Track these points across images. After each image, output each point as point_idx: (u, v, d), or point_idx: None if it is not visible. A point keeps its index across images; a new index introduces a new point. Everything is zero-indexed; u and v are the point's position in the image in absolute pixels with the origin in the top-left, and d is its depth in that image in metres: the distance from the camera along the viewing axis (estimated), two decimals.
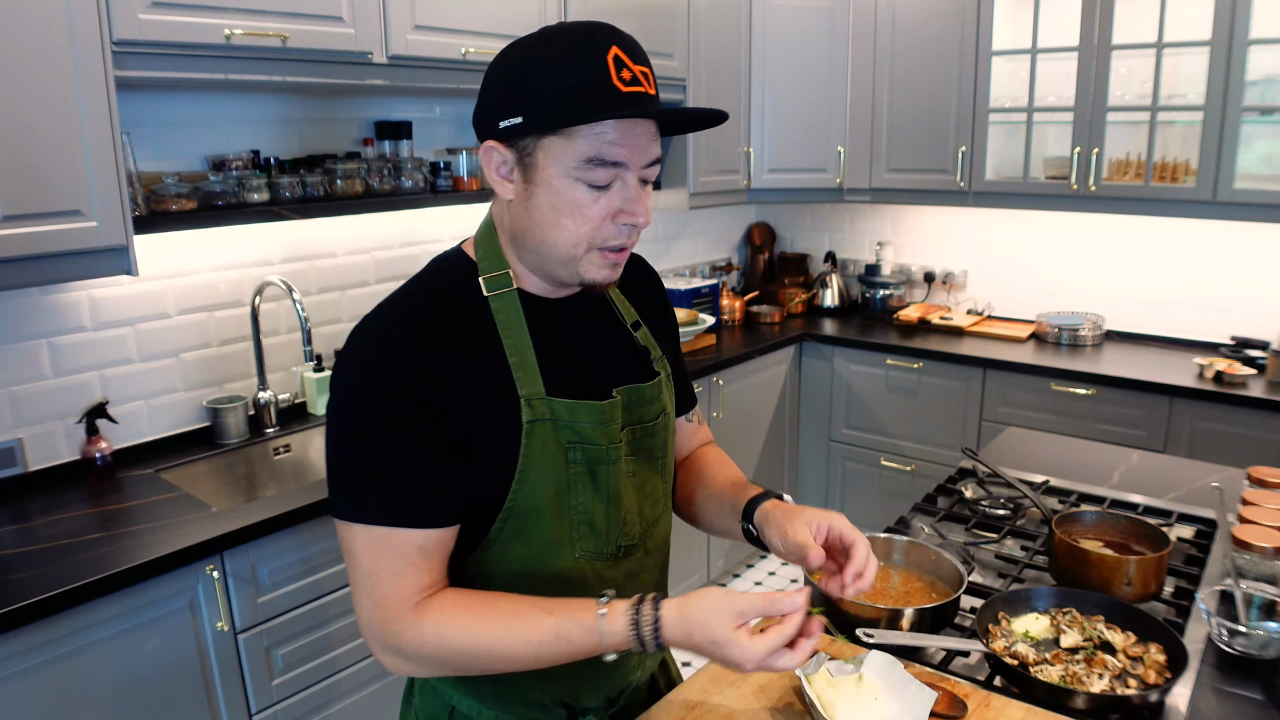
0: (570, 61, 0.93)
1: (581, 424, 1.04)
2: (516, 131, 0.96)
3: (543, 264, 1.03)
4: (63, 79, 1.72)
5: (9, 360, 2.05)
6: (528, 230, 1.01)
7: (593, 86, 0.92)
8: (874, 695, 1.13)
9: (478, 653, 0.98)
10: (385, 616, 0.98)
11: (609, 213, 0.98)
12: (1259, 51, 2.83)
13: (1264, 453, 2.76)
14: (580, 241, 0.99)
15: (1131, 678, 1.20)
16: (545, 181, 0.97)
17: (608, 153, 0.95)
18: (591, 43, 0.93)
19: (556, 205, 0.97)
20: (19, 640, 1.58)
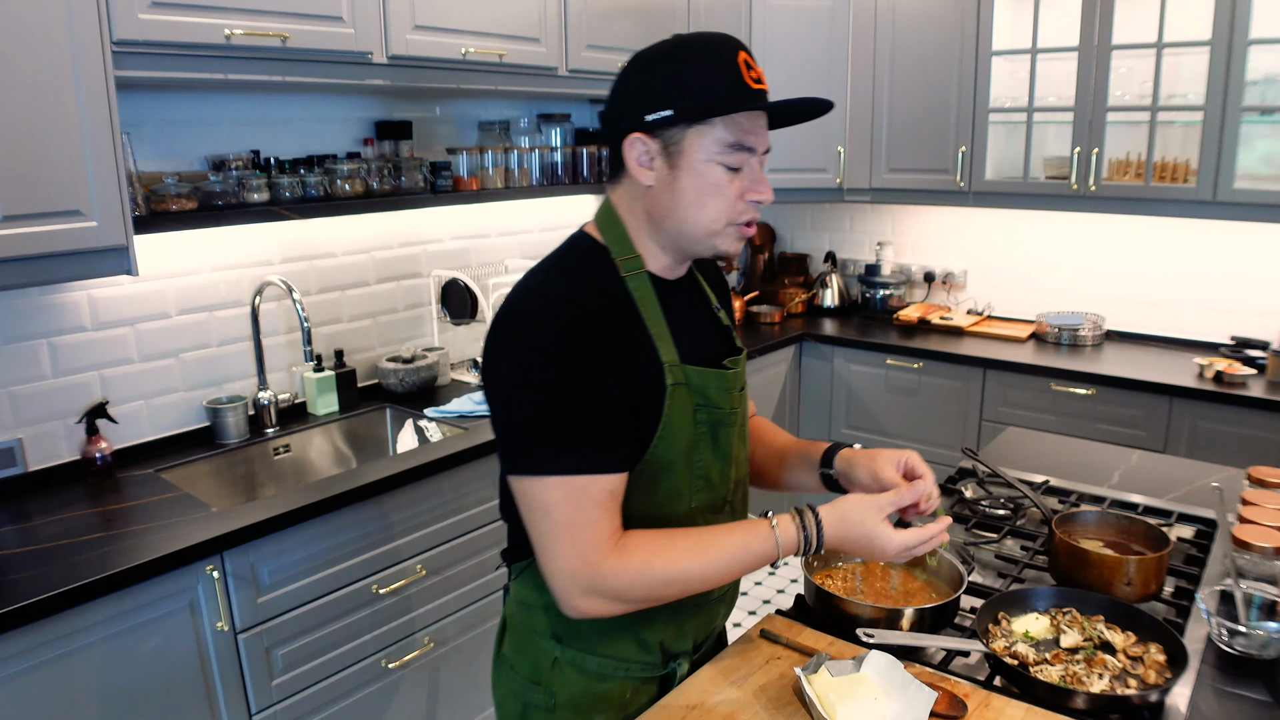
0: (711, 64, 1.10)
1: (710, 389, 1.20)
2: (666, 123, 1.11)
3: (680, 241, 1.18)
4: (63, 79, 1.72)
5: (9, 360, 2.05)
6: (670, 211, 1.15)
7: (732, 84, 1.10)
8: (874, 695, 1.13)
9: (683, 577, 1.11)
10: (591, 559, 1.08)
11: (740, 192, 1.15)
12: (1259, 51, 2.83)
13: (1264, 453, 2.76)
14: (720, 218, 1.15)
15: (1131, 678, 1.20)
16: (690, 166, 1.12)
17: (744, 139, 1.12)
18: (725, 49, 1.12)
19: (700, 187, 1.13)
20: (19, 640, 1.57)
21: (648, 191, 1.16)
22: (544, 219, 3.26)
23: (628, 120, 1.14)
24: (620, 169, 1.18)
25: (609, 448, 1.10)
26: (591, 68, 2.81)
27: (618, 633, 1.22)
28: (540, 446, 1.08)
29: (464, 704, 2.45)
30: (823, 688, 1.14)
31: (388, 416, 2.68)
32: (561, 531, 1.08)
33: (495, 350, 1.11)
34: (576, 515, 1.08)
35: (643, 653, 1.24)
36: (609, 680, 1.24)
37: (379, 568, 2.15)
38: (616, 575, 1.09)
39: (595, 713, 1.24)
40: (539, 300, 1.11)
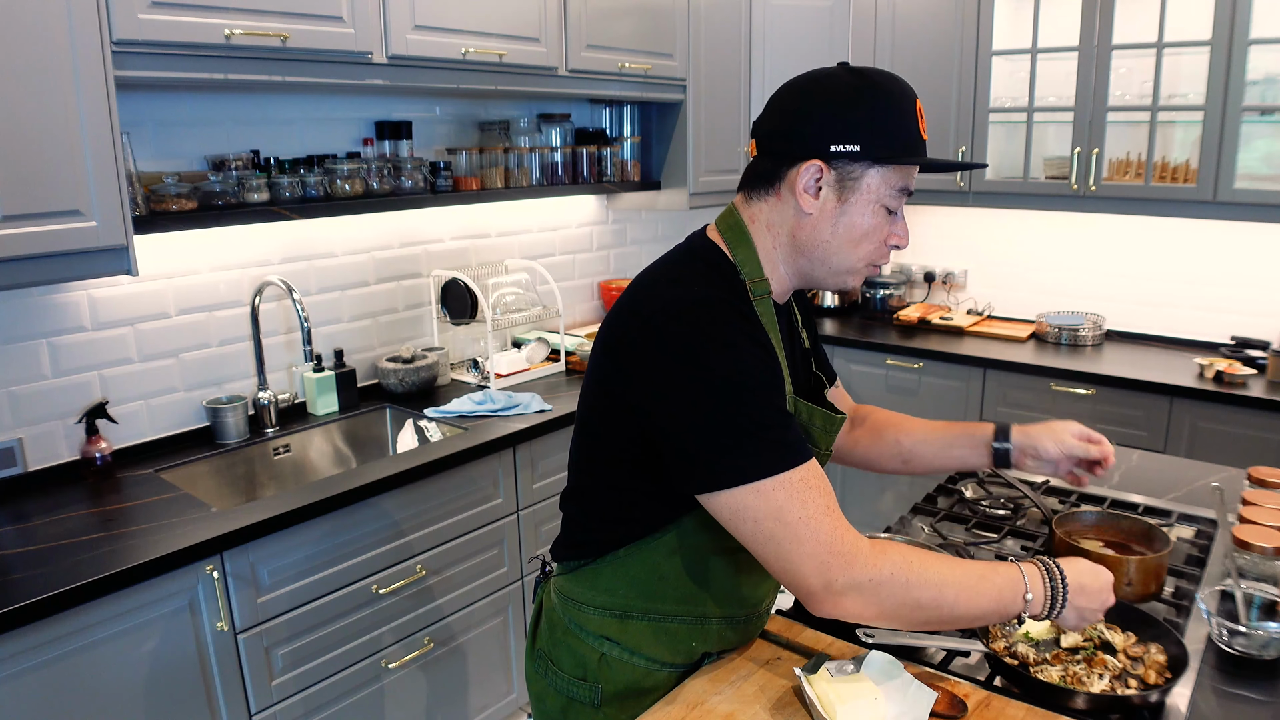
0: (899, 110, 1.12)
1: (814, 426, 1.21)
2: (850, 156, 1.11)
3: (816, 270, 1.19)
4: (62, 79, 1.72)
5: (9, 360, 2.05)
6: (823, 242, 1.16)
7: (914, 133, 1.14)
8: (874, 695, 1.13)
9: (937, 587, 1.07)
10: (844, 552, 1.05)
11: (888, 235, 1.17)
12: (1259, 51, 2.83)
13: (1264, 453, 2.76)
14: (865, 257, 1.17)
15: (1132, 678, 1.20)
16: (863, 203, 1.13)
17: (910, 184, 1.15)
18: (908, 97, 1.14)
19: (861, 225, 1.14)
20: (19, 640, 1.57)
21: (804, 218, 1.15)
22: (544, 219, 3.26)
23: (809, 145, 1.12)
24: (769, 186, 1.17)
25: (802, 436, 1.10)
26: (591, 68, 2.81)
27: (667, 639, 1.23)
28: (745, 453, 1.04)
29: (464, 704, 2.45)
30: (823, 688, 1.14)
31: (388, 416, 2.68)
32: (801, 529, 1.04)
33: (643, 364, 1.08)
34: (809, 509, 1.04)
35: (687, 656, 1.26)
36: (654, 675, 1.25)
37: (379, 568, 2.15)
38: (873, 569, 1.05)
39: (640, 705, 1.24)
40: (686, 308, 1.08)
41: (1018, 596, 1.11)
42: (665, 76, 3.15)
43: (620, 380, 1.13)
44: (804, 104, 1.14)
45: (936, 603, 1.07)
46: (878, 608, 1.07)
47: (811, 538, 1.04)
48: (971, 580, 1.09)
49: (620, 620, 1.23)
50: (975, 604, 1.09)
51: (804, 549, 1.04)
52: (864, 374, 3.61)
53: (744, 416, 1.04)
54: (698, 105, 3.33)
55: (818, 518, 1.04)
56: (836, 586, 1.04)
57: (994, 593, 1.10)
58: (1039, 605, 1.12)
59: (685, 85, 3.27)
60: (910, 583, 1.06)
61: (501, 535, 2.47)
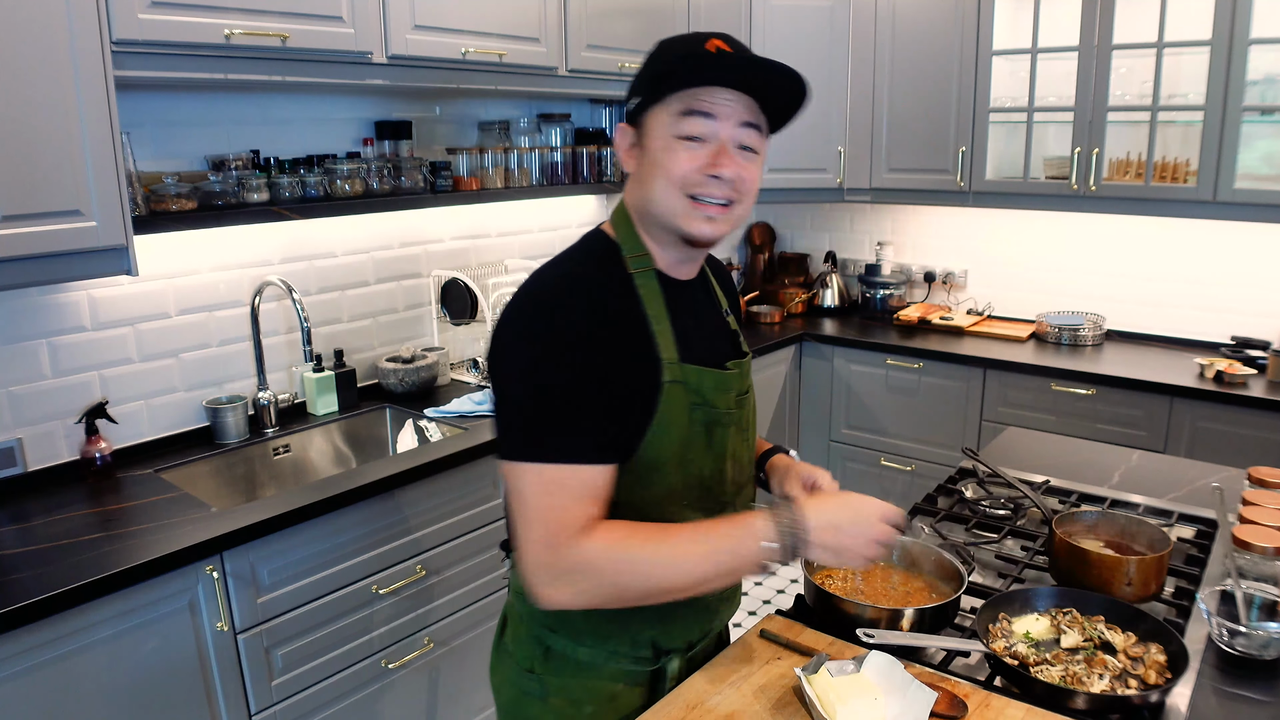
0: (676, 48, 1.15)
1: (706, 388, 1.19)
2: (639, 109, 1.16)
3: (654, 227, 1.19)
4: (62, 79, 1.72)
5: (9, 360, 2.05)
6: (643, 196, 1.17)
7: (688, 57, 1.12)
8: (874, 695, 1.13)
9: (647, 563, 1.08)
10: (556, 542, 1.06)
11: (702, 164, 1.12)
12: (1259, 51, 2.83)
13: (1264, 453, 2.76)
14: (674, 191, 1.13)
15: (1132, 678, 1.20)
16: (651, 145, 1.15)
17: (697, 105, 1.10)
18: (697, 36, 1.13)
19: (657, 161, 1.14)
20: (19, 640, 1.57)
21: (635, 181, 1.19)
22: (544, 219, 3.26)
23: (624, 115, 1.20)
24: None
25: (591, 439, 1.09)
26: (591, 68, 2.81)
27: (608, 625, 1.22)
28: (523, 433, 1.08)
29: (464, 704, 2.45)
30: (823, 688, 1.14)
31: (387, 416, 2.68)
32: (532, 517, 1.08)
33: (498, 335, 1.13)
34: (547, 502, 1.07)
35: (632, 647, 1.25)
36: (600, 671, 1.24)
37: (379, 568, 2.15)
38: (579, 555, 1.07)
39: (585, 704, 1.25)
40: (543, 289, 1.13)
41: (750, 548, 1.09)
42: None
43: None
44: None
45: (648, 577, 1.08)
46: (588, 594, 1.09)
47: (539, 529, 1.07)
48: (685, 546, 1.09)
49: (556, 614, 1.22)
50: (697, 569, 1.08)
51: (527, 536, 1.08)
52: (864, 374, 3.61)
53: (535, 401, 1.08)
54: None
55: (552, 513, 1.07)
56: (548, 577, 1.08)
57: (710, 553, 1.08)
58: (778, 551, 1.09)
59: None
60: (617, 569, 1.07)
61: (501, 535, 2.46)
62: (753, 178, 1.18)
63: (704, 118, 1.11)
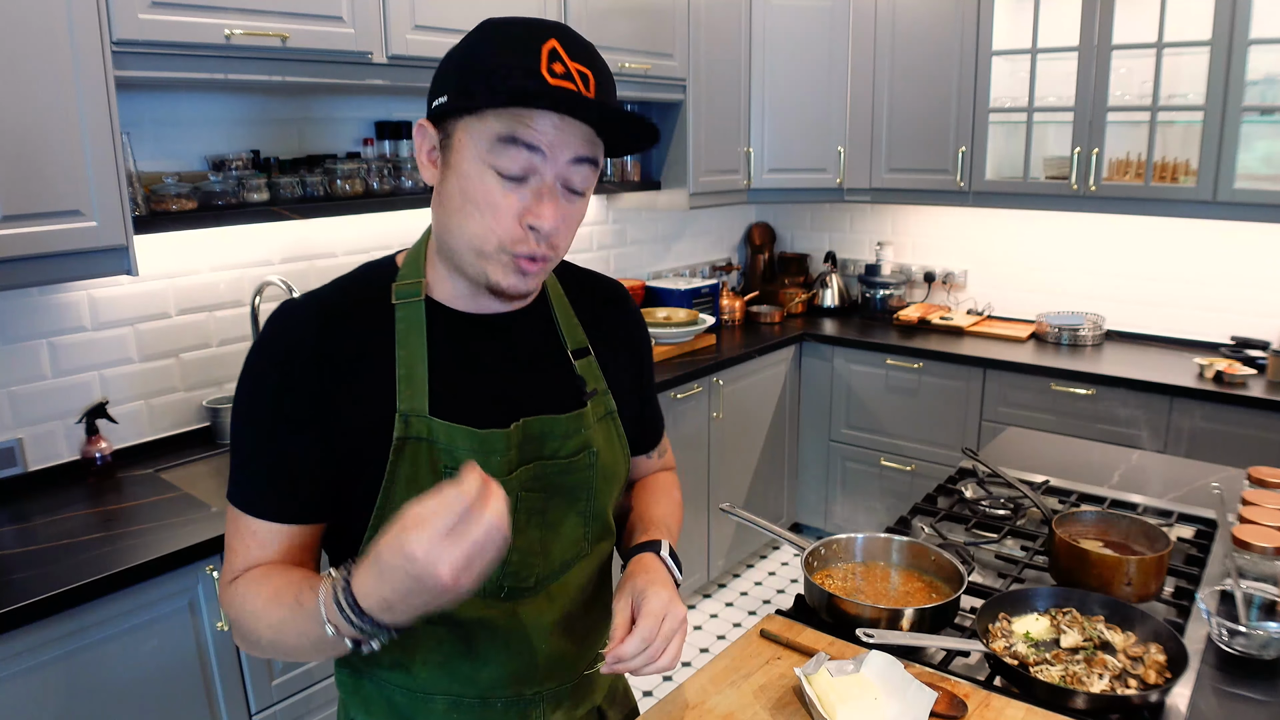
0: (501, 46, 0.90)
1: (459, 449, 0.97)
2: (443, 111, 0.92)
3: (455, 260, 0.97)
4: (63, 79, 1.72)
5: (9, 360, 2.05)
6: (442, 222, 0.96)
7: (521, 73, 0.87)
8: (874, 695, 1.13)
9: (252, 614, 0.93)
10: (223, 581, 1.00)
11: (520, 211, 0.91)
12: (1259, 51, 2.83)
13: (1264, 453, 2.76)
14: (486, 237, 0.92)
15: (1132, 678, 1.20)
16: (458, 165, 0.92)
17: (521, 133, 0.88)
18: (529, 31, 0.90)
19: (465, 190, 0.91)
20: (19, 640, 1.57)
21: (434, 197, 0.98)
22: None
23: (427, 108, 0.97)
24: None
25: (276, 497, 0.97)
26: None
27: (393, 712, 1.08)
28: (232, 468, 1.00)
29: None
30: (823, 688, 1.14)
31: None
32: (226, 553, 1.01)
33: None
34: (233, 539, 1.00)
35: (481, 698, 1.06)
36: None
37: None
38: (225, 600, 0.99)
39: None
40: (277, 318, 0.98)
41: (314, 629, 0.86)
42: (665, 77, 3.15)
43: None
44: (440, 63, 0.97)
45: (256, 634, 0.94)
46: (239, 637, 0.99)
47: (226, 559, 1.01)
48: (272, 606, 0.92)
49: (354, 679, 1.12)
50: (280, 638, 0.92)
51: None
52: (864, 374, 3.61)
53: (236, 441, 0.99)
54: (698, 105, 3.33)
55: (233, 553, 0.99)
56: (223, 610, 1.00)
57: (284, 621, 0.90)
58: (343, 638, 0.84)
59: (685, 85, 3.27)
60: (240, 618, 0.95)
61: None
62: (573, 226, 0.96)
63: (528, 150, 0.89)
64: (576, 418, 1.05)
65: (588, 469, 1.07)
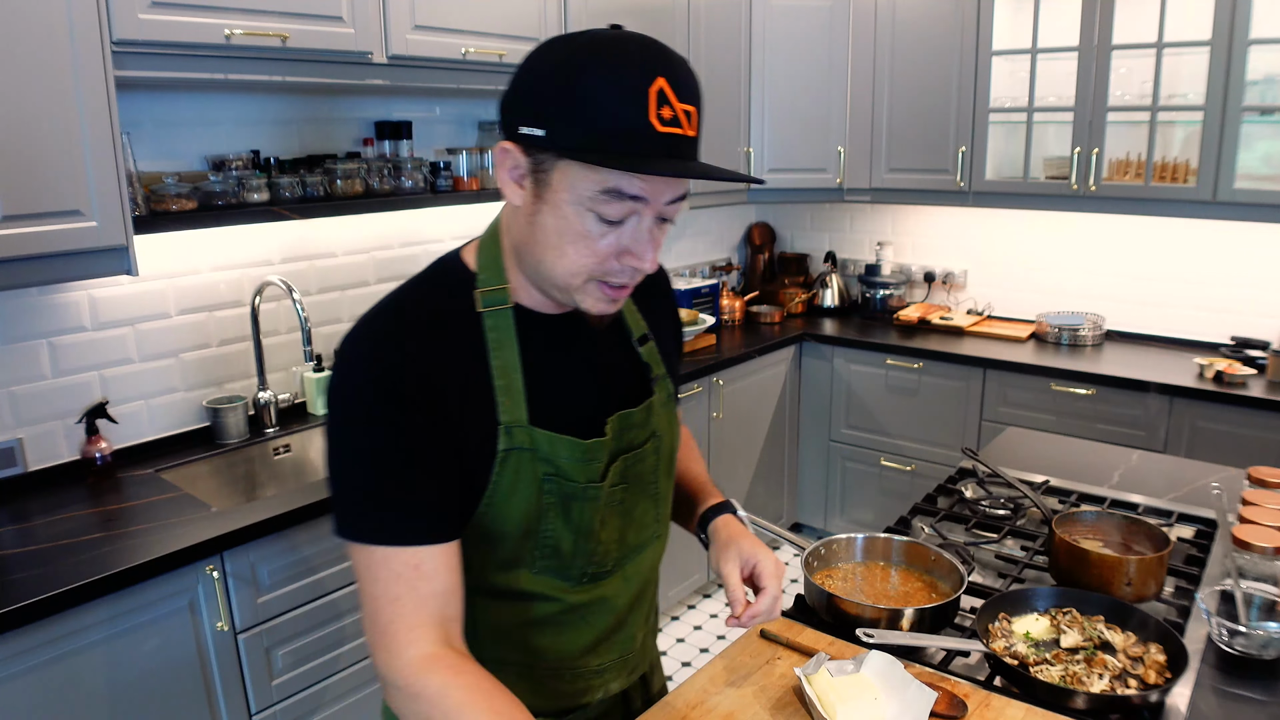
0: (611, 86, 0.86)
1: (560, 459, 0.99)
2: (536, 143, 0.89)
3: (540, 282, 0.98)
4: (62, 79, 1.72)
5: (9, 360, 2.04)
6: (529, 245, 0.95)
7: (630, 119, 0.86)
8: (874, 695, 1.13)
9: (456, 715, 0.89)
10: (389, 649, 0.92)
11: (616, 250, 0.92)
12: (1259, 51, 2.83)
13: (1264, 453, 2.76)
14: (580, 272, 0.93)
15: (1132, 678, 1.20)
16: (556, 204, 0.90)
17: (627, 185, 0.88)
18: (639, 69, 0.87)
19: (562, 231, 0.91)
20: (19, 640, 1.57)
21: (515, 212, 0.96)
22: None
23: (506, 122, 0.93)
24: None
25: (411, 517, 0.93)
26: None
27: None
28: (342, 507, 0.95)
29: None
30: (823, 688, 1.14)
31: None
32: (368, 603, 0.94)
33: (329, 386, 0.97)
34: (376, 589, 0.93)
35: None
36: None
37: None
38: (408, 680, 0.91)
39: None
40: (363, 340, 0.96)
41: None
42: None
43: None
44: (516, 73, 0.93)
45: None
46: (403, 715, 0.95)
47: (373, 620, 0.94)
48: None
49: None
50: None
51: (368, 623, 0.95)
52: (864, 374, 3.61)
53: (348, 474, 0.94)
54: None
55: (380, 601, 0.93)
56: (381, 673, 0.94)
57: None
58: None
59: None
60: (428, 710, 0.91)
61: None
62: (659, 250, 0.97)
63: (632, 200, 0.89)
64: (647, 408, 1.09)
65: (655, 454, 1.11)
